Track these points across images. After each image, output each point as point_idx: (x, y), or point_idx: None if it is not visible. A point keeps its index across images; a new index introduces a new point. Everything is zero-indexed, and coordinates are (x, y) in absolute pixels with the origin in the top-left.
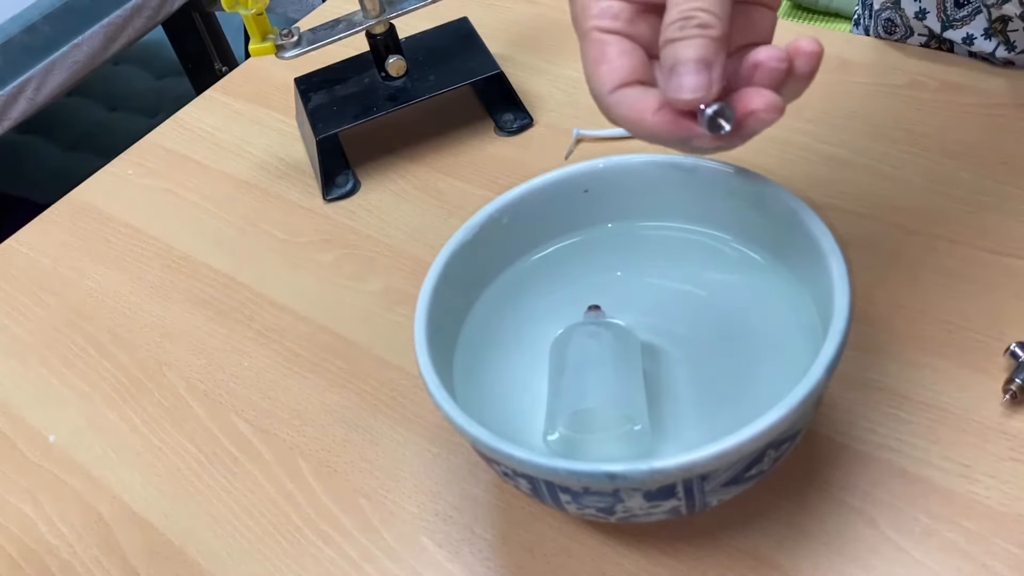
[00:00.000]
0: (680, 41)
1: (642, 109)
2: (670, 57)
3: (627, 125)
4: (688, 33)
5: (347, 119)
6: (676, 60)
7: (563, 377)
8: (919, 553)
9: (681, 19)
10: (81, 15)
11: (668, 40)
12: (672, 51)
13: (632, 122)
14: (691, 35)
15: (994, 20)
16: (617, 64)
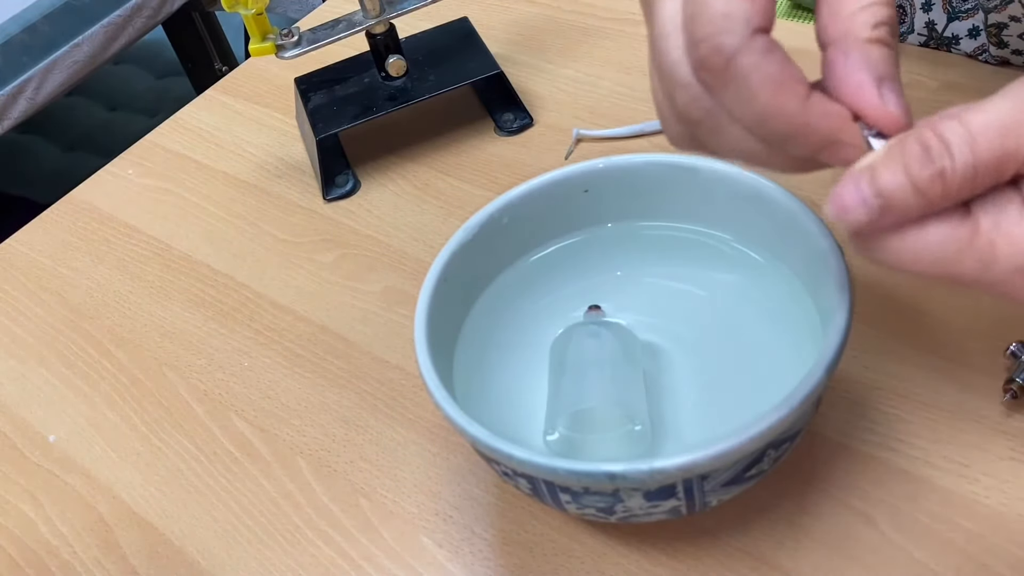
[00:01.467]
0: (888, 48)
1: (797, 80)
2: (875, 64)
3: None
4: (894, 41)
5: (347, 119)
6: (886, 72)
7: (563, 377)
8: (919, 553)
9: (885, 21)
10: (81, 15)
11: (875, 39)
12: (880, 56)
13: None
14: (895, 44)
15: (990, 25)
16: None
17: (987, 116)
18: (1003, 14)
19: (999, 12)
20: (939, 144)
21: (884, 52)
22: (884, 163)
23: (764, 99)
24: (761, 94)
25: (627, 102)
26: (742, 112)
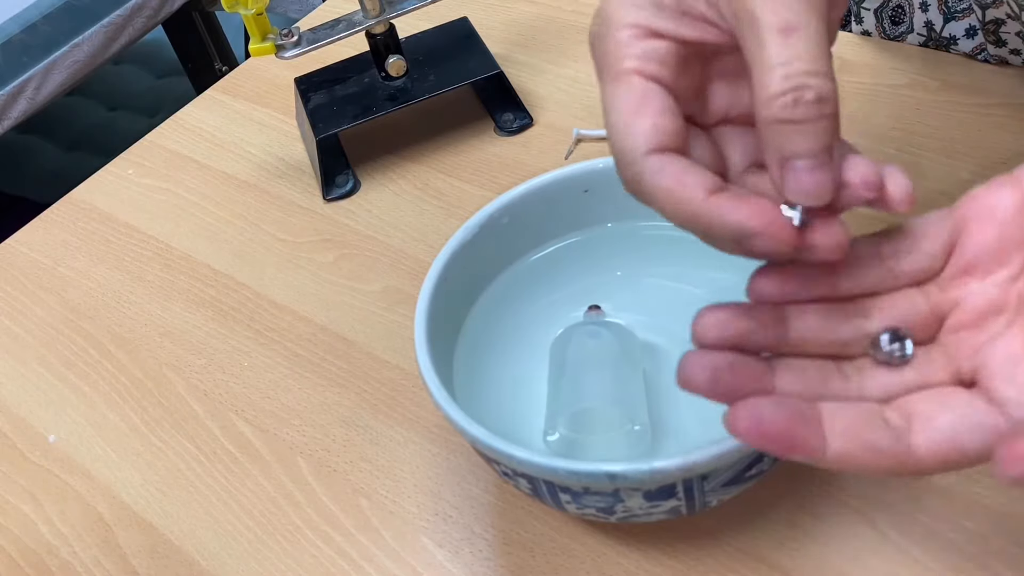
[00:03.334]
0: (793, 125)
1: (692, 185)
2: (778, 144)
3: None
4: (803, 114)
5: (347, 119)
6: (791, 151)
7: (563, 377)
8: (919, 553)
9: (791, 90)
10: (81, 15)
11: (776, 120)
12: (782, 137)
13: (676, 199)
14: (808, 116)
15: (987, 22)
16: (661, 121)
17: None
18: (999, 10)
19: (996, 7)
20: None
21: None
22: None
23: (667, 210)
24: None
25: None
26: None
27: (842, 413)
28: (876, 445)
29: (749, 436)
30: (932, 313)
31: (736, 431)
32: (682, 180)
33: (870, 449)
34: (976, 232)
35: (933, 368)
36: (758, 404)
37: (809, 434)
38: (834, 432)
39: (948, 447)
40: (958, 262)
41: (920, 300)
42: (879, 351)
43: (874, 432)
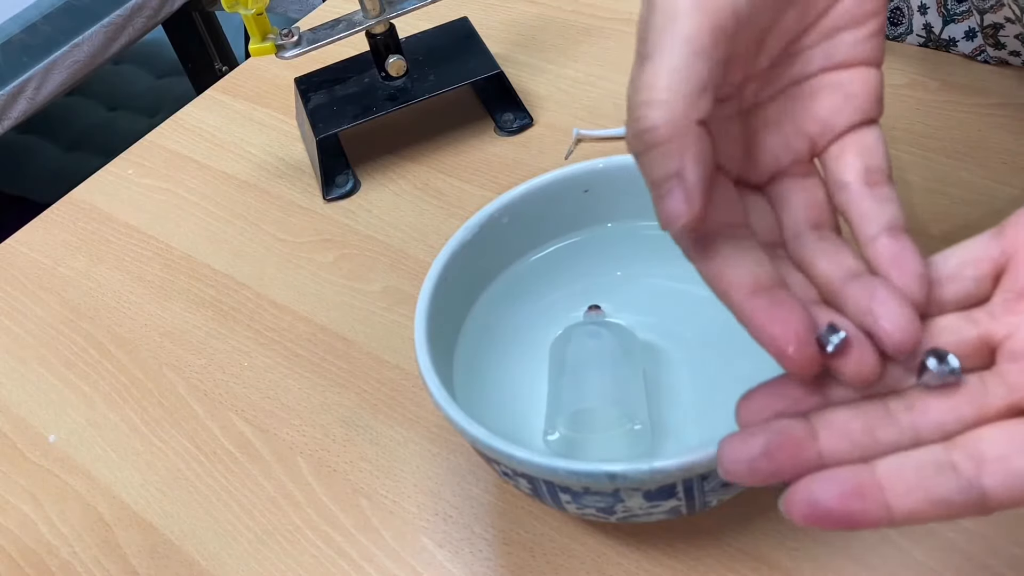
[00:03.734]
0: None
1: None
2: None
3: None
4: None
5: (347, 119)
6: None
7: (563, 377)
8: (919, 553)
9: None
10: (81, 15)
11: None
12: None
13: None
14: (636, 148)
15: (985, 26)
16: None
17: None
18: (998, 14)
19: (994, 12)
20: None
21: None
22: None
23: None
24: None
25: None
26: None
27: (904, 470)
28: (947, 498)
29: (808, 521)
30: (981, 340)
31: (794, 517)
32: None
33: (941, 503)
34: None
35: (990, 397)
36: (809, 488)
37: (868, 506)
38: (897, 493)
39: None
40: (1011, 287)
41: (966, 326)
42: (927, 374)
43: (942, 485)
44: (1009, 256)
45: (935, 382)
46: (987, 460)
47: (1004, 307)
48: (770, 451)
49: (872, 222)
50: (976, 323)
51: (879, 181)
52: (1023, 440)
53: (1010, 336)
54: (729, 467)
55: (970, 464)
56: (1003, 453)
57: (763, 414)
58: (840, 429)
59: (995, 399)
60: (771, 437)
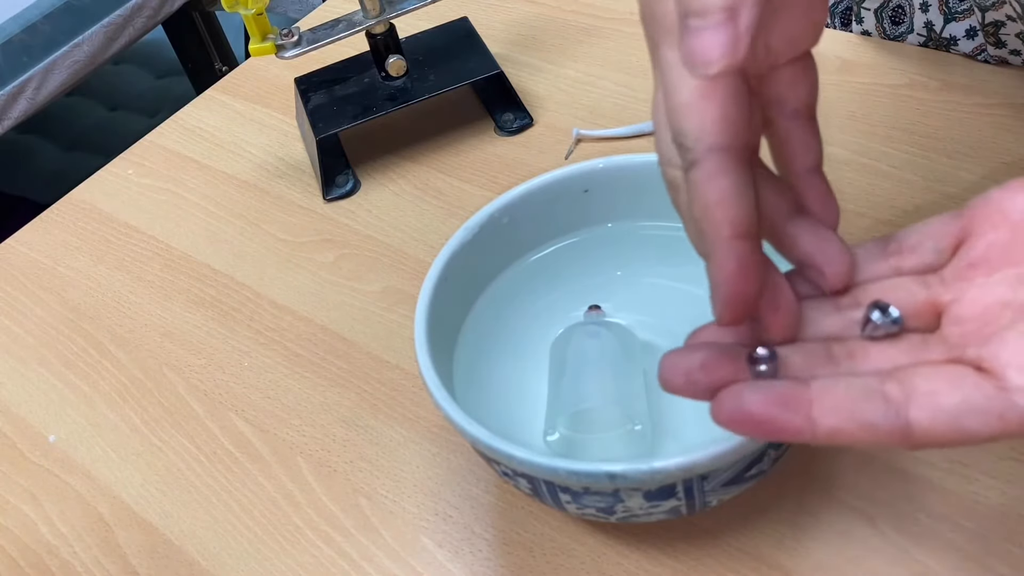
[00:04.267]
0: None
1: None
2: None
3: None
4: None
5: (347, 119)
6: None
7: (563, 377)
8: (919, 553)
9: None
10: (81, 15)
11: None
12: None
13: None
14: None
15: (986, 24)
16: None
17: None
18: (1000, 12)
19: (996, 10)
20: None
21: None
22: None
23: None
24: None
25: (627, 102)
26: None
27: (834, 389)
28: (871, 420)
29: (732, 423)
30: (929, 302)
31: (719, 420)
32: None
33: (864, 425)
34: (988, 230)
35: (931, 350)
36: (739, 391)
37: (793, 416)
38: (824, 409)
39: (951, 427)
40: (965, 257)
41: (917, 288)
42: (870, 325)
43: (869, 407)
44: (968, 231)
45: (877, 333)
46: (917, 393)
47: (955, 274)
48: (708, 365)
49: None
50: (927, 286)
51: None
52: (956, 379)
53: (956, 300)
54: (667, 377)
55: (900, 394)
56: (933, 388)
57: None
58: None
59: (934, 354)
60: (711, 353)
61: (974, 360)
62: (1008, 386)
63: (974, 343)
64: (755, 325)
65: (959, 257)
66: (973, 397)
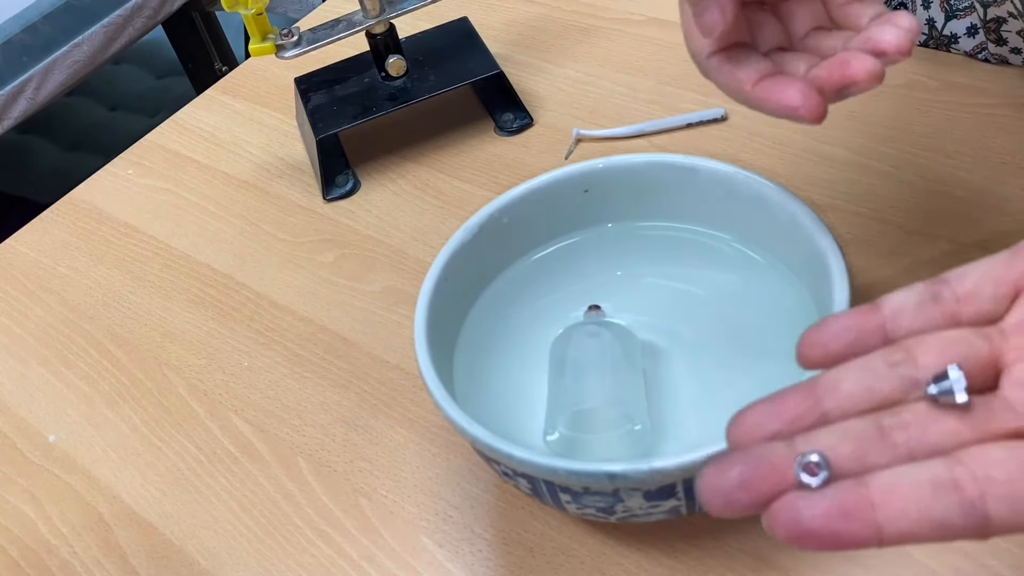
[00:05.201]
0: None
1: (742, 78)
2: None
3: (726, 90)
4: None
5: (347, 119)
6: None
7: (563, 377)
8: (919, 553)
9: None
10: (81, 15)
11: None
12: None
13: (731, 90)
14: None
15: (988, 20)
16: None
17: None
18: (1001, 8)
19: (998, 6)
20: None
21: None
22: None
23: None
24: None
25: (627, 102)
26: None
27: (898, 488)
28: (945, 521)
29: (792, 540)
30: (991, 358)
31: (778, 537)
32: (734, 75)
33: (938, 526)
34: None
35: (994, 420)
36: (793, 504)
37: (858, 526)
38: (891, 514)
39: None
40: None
41: (978, 343)
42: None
43: (941, 505)
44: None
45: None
46: (993, 483)
47: (1017, 328)
48: (747, 482)
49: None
50: (988, 340)
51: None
52: None
53: (1020, 360)
54: (708, 500)
55: (973, 486)
56: (1011, 476)
57: (754, 435)
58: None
59: (999, 424)
60: (748, 467)
61: None
62: None
63: None
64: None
65: (1020, 309)
66: None
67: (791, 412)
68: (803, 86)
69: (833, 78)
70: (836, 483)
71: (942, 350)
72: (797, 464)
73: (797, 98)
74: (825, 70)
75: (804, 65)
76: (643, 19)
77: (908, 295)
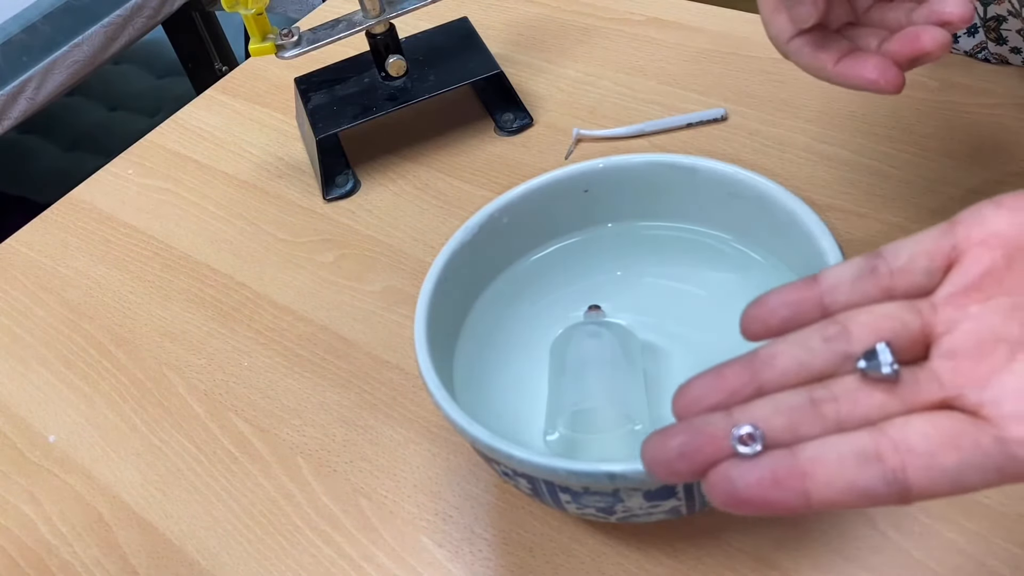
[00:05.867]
0: None
1: (823, 59)
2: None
3: (808, 71)
4: None
5: (347, 119)
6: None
7: (563, 377)
8: (919, 553)
9: None
10: (81, 15)
11: None
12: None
13: (813, 70)
14: None
15: (988, 19)
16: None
17: None
18: (1001, 6)
19: (998, 3)
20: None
21: None
22: None
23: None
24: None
25: (627, 102)
26: None
27: (826, 459)
28: (868, 489)
29: (727, 506)
30: (921, 332)
31: (715, 503)
32: (815, 56)
33: (862, 494)
34: (981, 253)
35: (923, 391)
36: (727, 473)
37: (787, 493)
38: (819, 482)
39: (949, 485)
40: (957, 282)
41: (909, 317)
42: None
43: (865, 475)
44: (961, 251)
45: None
46: (914, 454)
47: (947, 301)
48: (686, 452)
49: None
50: (919, 314)
51: None
52: (954, 437)
53: (948, 332)
54: (651, 468)
55: (895, 457)
56: (931, 449)
57: (696, 407)
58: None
59: (925, 396)
60: (687, 438)
61: (972, 406)
62: (1007, 437)
63: (970, 384)
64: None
65: (951, 281)
66: (972, 456)
67: (730, 385)
68: (880, 61)
69: (906, 51)
70: (769, 453)
71: (874, 324)
72: (732, 435)
73: (876, 72)
74: (897, 44)
75: (875, 40)
76: (643, 19)
77: (846, 269)
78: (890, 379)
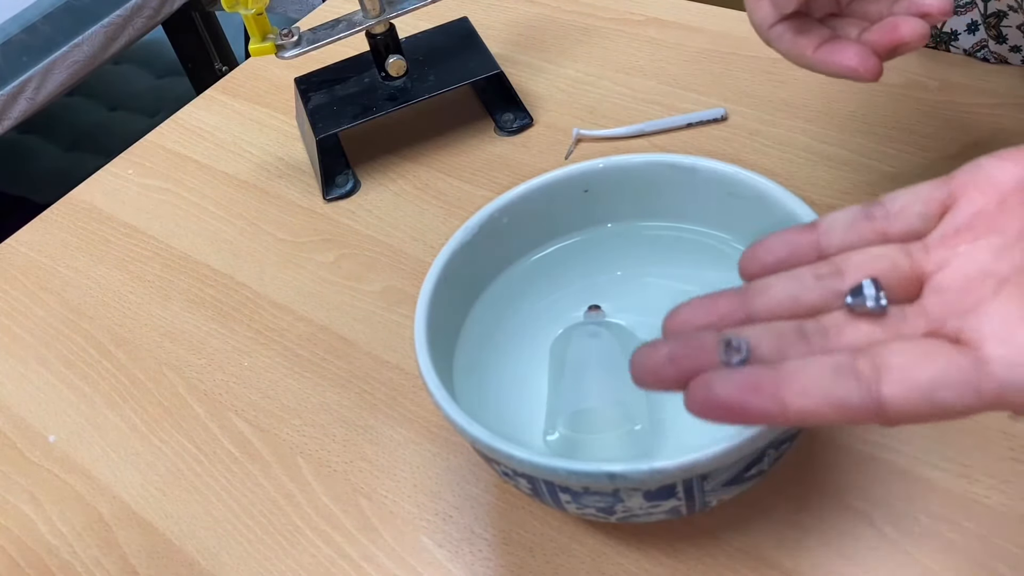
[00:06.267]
0: None
1: (803, 44)
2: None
3: (788, 57)
4: None
5: (347, 119)
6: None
7: (563, 377)
8: (919, 553)
9: None
10: (81, 15)
11: None
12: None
13: (793, 56)
14: None
15: (988, 15)
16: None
17: None
18: (1002, 1)
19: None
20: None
21: None
22: None
23: (791, 61)
24: (788, 59)
25: (627, 102)
26: None
27: (804, 370)
28: (842, 399)
29: (703, 412)
30: (913, 272)
31: (691, 409)
32: (796, 42)
33: (836, 405)
34: (976, 197)
35: (908, 324)
36: (708, 380)
37: (763, 400)
38: (794, 391)
39: (925, 401)
40: (950, 224)
41: (900, 258)
42: (857, 298)
43: (839, 386)
44: (956, 197)
45: (860, 309)
46: (889, 368)
47: (939, 242)
48: (675, 357)
49: None
50: (910, 255)
51: None
52: (930, 352)
53: (939, 270)
54: (637, 374)
55: (871, 370)
56: (906, 363)
57: (686, 326)
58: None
59: (912, 327)
60: (677, 345)
61: (953, 332)
62: (985, 357)
63: (954, 314)
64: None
65: (944, 224)
66: (947, 370)
67: (721, 309)
68: (860, 49)
69: (885, 40)
70: (752, 366)
71: (866, 264)
72: (720, 342)
73: (855, 59)
74: (877, 33)
75: (855, 29)
76: (643, 19)
77: (843, 214)
78: (875, 313)
